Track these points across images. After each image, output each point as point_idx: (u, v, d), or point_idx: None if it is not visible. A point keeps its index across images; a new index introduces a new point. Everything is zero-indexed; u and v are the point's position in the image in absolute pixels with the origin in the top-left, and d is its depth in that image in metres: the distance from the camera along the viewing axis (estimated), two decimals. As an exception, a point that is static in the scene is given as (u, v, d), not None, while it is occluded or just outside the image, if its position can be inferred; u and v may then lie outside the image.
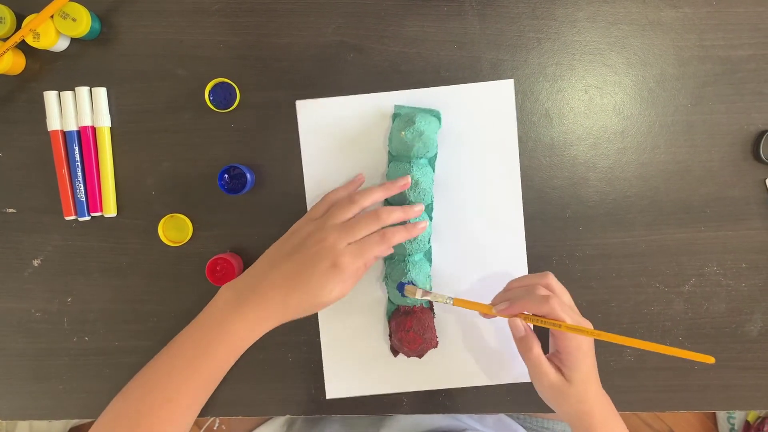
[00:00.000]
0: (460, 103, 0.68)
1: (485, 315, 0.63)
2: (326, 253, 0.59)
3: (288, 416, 0.72)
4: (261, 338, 0.63)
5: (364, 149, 0.68)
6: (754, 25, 0.68)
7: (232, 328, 0.61)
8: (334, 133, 0.68)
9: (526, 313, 0.60)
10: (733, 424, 1.49)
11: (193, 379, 0.61)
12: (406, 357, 0.68)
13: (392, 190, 0.64)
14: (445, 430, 0.87)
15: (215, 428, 1.44)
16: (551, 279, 0.62)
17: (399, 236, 0.62)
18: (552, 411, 0.69)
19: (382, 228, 0.63)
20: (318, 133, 0.68)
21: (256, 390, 0.69)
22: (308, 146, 0.68)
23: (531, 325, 0.61)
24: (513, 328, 0.61)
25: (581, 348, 0.59)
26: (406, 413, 0.70)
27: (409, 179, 0.64)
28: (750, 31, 0.68)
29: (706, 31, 0.68)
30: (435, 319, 0.68)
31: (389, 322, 0.68)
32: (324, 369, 0.69)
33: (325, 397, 0.69)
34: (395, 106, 0.68)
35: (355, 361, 0.69)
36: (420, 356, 0.67)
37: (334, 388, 0.69)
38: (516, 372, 0.69)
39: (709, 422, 1.55)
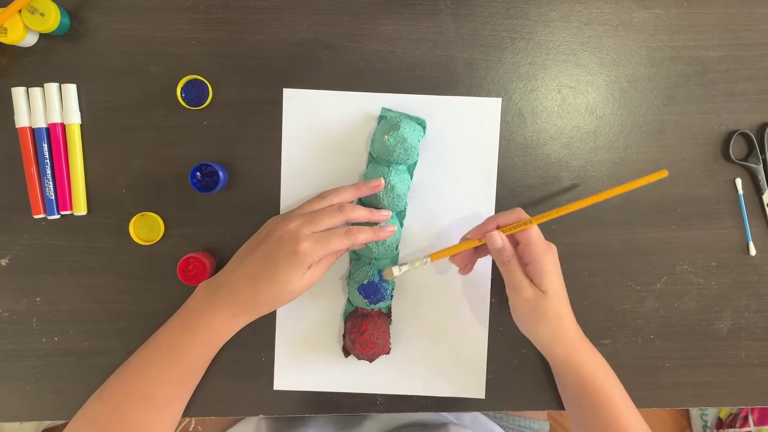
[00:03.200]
0: (447, 115, 0.68)
1: (457, 262, 0.65)
2: (287, 239, 0.59)
3: (261, 416, 0.72)
4: (234, 337, 0.63)
5: (345, 147, 0.68)
6: (724, 26, 0.69)
7: (206, 325, 0.61)
8: (317, 126, 0.68)
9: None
10: (706, 421, 1.51)
11: (167, 377, 0.61)
12: (356, 359, 0.68)
13: (363, 191, 0.64)
14: (427, 423, 0.87)
15: (191, 429, 1.43)
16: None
17: (365, 236, 0.62)
18: (528, 409, 0.70)
19: (350, 225, 0.63)
20: (301, 125, 0.68)
21: (229, 390, 0.69)
22: (289, 137, 0.68)
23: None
24: (490, 241, 0.61)
25: (547, 254, 0.61)
26: (380, 412, 0.70)
27: (382, 181, 0.64)
28: (720, 33, 0.69)
29: (678, 32, 0.69)
30: (391, 326, 0.68)
31: (345, 322, 0.68)
32: (275, 360, 0.69)
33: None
34: (382, 108, 0.67)
35: (306, 357, 0.69)
36: (371, 360, 0.67)
37: (283, 381, 0.69)
38: (463, 387, 0.70)
39: (682, 419, 1.57)
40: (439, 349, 0.69)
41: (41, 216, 0.67)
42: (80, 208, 0.67)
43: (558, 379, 0.67)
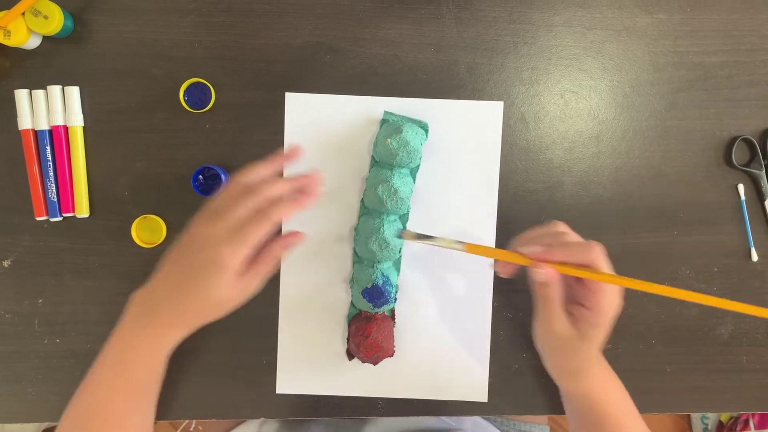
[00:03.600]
0: (449, 118, 0.68)
1: (501, 270, 0.58)
2: (203, 246, 0.52)
3: (262, 419, 0.72)
4: (235, 341, 0.63)
5: (347, 151, 0.68)
6: (727, 32, 0.69)
7: (137, 343, 0.57)
8: (319, 130, 0.68)
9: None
10: (706, 425, 1.51)
11: (118, 392, 0.57)
12: (360, 362, 0.68)
13: (279, 162, 0.57)
14: (429, 429, 0.87)
15: (191, 429, 1.43)
16: (566, 227, 0.57)
17: (281, 210, 0.53)
18: (530, 413, 0.70)
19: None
20: (303, 129, 0.68)
21: (231, 393, 0.69)
22: (292, 141, 0.68)
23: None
24: (535, 275, 0.53)
25: (613, 307, 0.53)
26: (381, 416, 0.70)
27: (299, 148, 0.58)
28: (723, 38, 0.69)
29: (680, 37, 0.69)
30: (394, 329, 0.68)
31: (349, 325, 0.68)
32: (277, 364, 0.69)
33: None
34: (384, 112, 0.67)
35: (310, 360, 0.69)
36: (375, 363, 0.67)
37: (286, 384, 0.69)
38: (467, 390, 0.70)
39: (683, 423, 1.57)
40: (441, 352, 0.69)
41: (43, 218, 0.67)
42: (82, 210, 0.67)
43: (565, 399, 0.66)
